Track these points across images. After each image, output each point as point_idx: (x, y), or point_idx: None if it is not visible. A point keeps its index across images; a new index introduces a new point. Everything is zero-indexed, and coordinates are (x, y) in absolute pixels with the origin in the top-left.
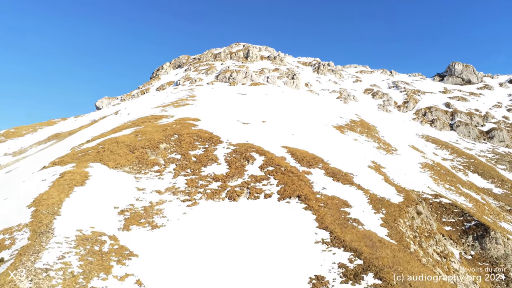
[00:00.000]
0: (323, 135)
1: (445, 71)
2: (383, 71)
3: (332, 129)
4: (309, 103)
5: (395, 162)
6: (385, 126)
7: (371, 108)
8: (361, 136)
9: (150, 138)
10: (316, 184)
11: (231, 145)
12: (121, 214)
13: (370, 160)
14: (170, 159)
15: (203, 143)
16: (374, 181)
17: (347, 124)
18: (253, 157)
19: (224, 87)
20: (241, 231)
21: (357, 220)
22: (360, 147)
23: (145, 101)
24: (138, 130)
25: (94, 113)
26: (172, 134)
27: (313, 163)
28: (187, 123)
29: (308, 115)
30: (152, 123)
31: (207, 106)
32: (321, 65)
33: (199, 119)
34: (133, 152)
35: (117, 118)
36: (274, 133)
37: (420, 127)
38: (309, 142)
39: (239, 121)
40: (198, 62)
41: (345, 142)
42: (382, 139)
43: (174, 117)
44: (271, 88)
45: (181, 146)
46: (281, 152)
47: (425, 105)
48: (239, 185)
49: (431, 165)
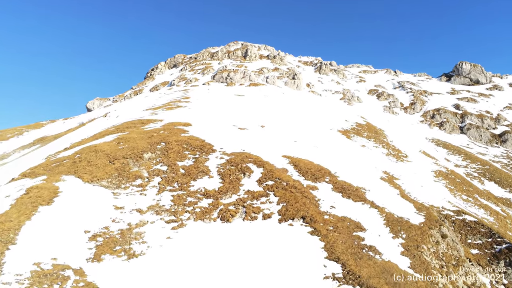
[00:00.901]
0: (329, 142)
1: (452, 71)
2: (387, 70)
3: (338, 134)
4: (312, 105)
5: (407, 171)
6: (392, 129)
7: (377, 110)
8: (368, 141)
9: (133, 146)
10: (323, 202)
11: (225, 155)
12: (92, 240)
13: (382, 171)
14: (155, 171)
15: (193, 152)
16: (389, 196)
17: (353, 128)
18: (250, 169)
19: (220, 88)
20: (235, 261)
21: (374, 248)
22: (369, 154)
23: (136, 103)
24: (121, 137)
25: (84, 115)
26: (159, 141)
27: (319, 176)
28: (177, 129)
29: (311, 118)
30: (137, 129)
31: (200, 109)
32: (323, 65)
33: (190, 124)
34: (112, 162)
35: (104, 121)
36: (274, 140)
37: (429, 130)
38: (313, 151)
39: (235, 126)
40: (194, 62)
41: (352, 149)
42: (391, 144)
43: (163, 122)
44: (271, 88)
45: (168, 155)
46: (282, 163)
47: (433, 106)
48: (233, 203)
49: (445, 173)
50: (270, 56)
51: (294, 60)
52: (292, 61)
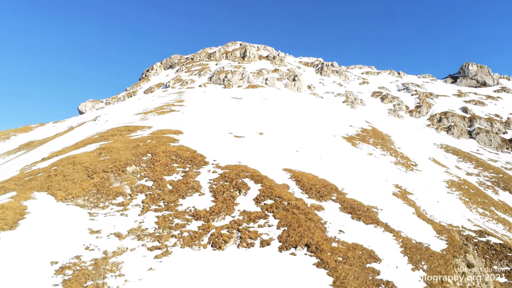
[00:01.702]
0: (333, 151)
1: (457, 72)
2: (391, 72)
3: (342, 141)
4: (313, 109)
5: (418, 182)
6: (399, 134)
7: (381, 113)
8: (375, 148)
9: (116, 158)
10: (331, 224)
11: (219, 168)
12: (59, 274)
13: (393, 184)
14: (139, 186)
15: (183, 165)
16: (404, 216)
17: (358, 134)
18: (246, 185)
19: (217, 90)
20: None
21: (391, 284)
22: (377, 163)
23: (128, 106)
24: (103, 146)
25: (75, 118)
26: (145, 152)
27: (324, 194)
28: (166, 137)
29: (313, 123)
30: (123, 137)
31: (194, 114)
32: (324, 66)
33: (182, 132)
34: (91, 177)
35: (93, 126)
36: (273, 149)
37: (436, 134)
38: (317, 162)
39: (231, 134)
40: (191, 62)
41: (359, 158)
42: (398, 151)
43: (152, 129)
44: (270, 91)
45: (155, 169)
46: (282, 178)
47: (440, 109)
48: (227, 226)
49: (457, 183)
50: (270, 56)
51: (294, 61)
52: (293, 62)
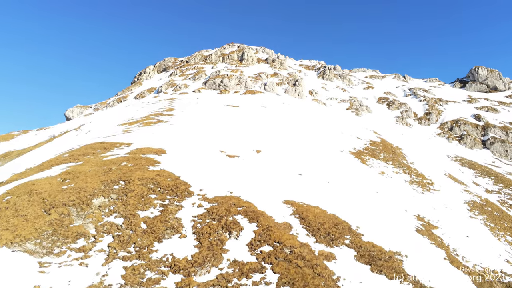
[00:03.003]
0: (341, 171)
1: (466, 76)
2: (396, 75)
3: (350, 157)
4: (316, 118)
5: (438, 205)
6: (410, 146)
7: (388, 121)
8: (387, 165)
9: (82, 186)
10: (345, 282)
11: (206, 200)
12: None
13: (414, 215)
14: (106, 225)
15: (162, 196)
16: (435, 263)
17: (367, 147)
18: (238, 225)
19: (212, 96)
20: None
21: None
22: (390, 184)
23: (115, 114)
24: (70, 170)
25: (59, 126)
26: (117, 179)
27: (336, 236)
28: (145, 159)
29: (317, 136)
30: (95, 157)
31: (183, 125)
32: (326, 70)
33: (165, 151)
34: (48, 212)
35: (73, 137)
36: (272, 173)
37: (448, 144)
38: (324, 189)
39: (223, 153)
40: (185, 65)
41: (370, 179)
42: (412, 167)
43: (131, 146)
44: (269, 97)
45: (127, 201)
46: (283, 214)
47: (451, 117)
48: (212, 283)
49: (479, 204)
50: (269, 59)
51: (295, 64)
52: (293, 65)
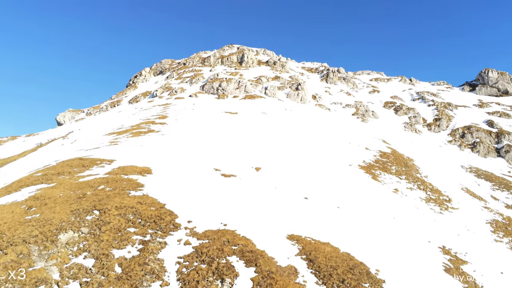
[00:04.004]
0: (353, 192)
1: (475, 79)
2: (402, 78)
3: (360, 172)
4: (321, 125)
5: (459, 227)
6: (421, 156)
7: (396, 128)
8: (400, 180)
9: (48, 217)
10: None
11: (195, 236)
12: None
13: (439, 247)
14: (73, 268)
15: (142, 230)
16: None
17: (377, 160)
18: (232, 270)
19: (209, 101)
20: None
21: None
22: (406, 204)
23: (105, 121)
24: (38, 195)
25: (49, 132)
26: (91, 208)
27: (352, 284)
28: (127, 181)
29: (323, 147)
30: (71, 177)
31: (175, 136)
32: (330, 72)
33: (150, 170)
34: (4, 251)
35: (59, 147)
36: (274, 197)
37: (460, 153)
38: (335, 218)
39: (218, 171)
40: (182, 68)
41: (384, 199)
42: (426, 181)
43: (112, 165)
44: (270, 102)
45: (100, 237)
46: (288, 253)
47: (462, 123)
48: None
49: (502, 223)
50: (270, 62)
51: (297, 67)
52: (295, 67)
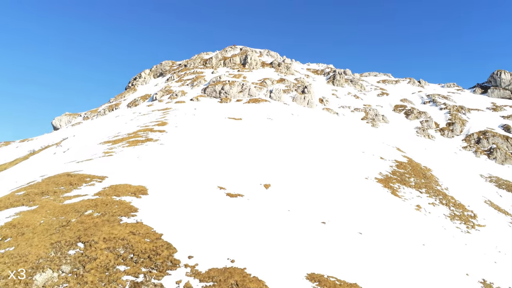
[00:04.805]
0: (373, 213)
1: (487, 81)
2: (410, 80)
3: (378, 186)
4: (331, 132)
5: (489, 248)
6: (438, 164)
7: (408, 133)
8: (420, 194)
9: (23, 252)
10: None
11: (196, 277)
12: None
13: (479, 282)
14: None
15: (134, 268)
16: None
17: (394, 171)
18: None
19: (211, 106)
20: None
21: None
22: (431, 224)
23: (101, 127)
24: (16, 222)
25: (45, 136)
26: (75, 239)
27: None
28: (119, 204)
29: (336, 158)
30: (55, 198)
31: (175, 146)
32: (336, 74)
33: (146, 190)
34: None
35: (50, 157)
36: (288, 222)
37: (476, 159)
38: (358, 248)
39: (223, 190)
40: (183, 70)
41: (407, 219)
42: (448, 195)
43: (105, 181)
44: (276, 107)
45: (84, 278)
46: None
47: (477, 127)
48: None
49: None
50: (274, 63)
51: (302, 68)
52: (300, 69)
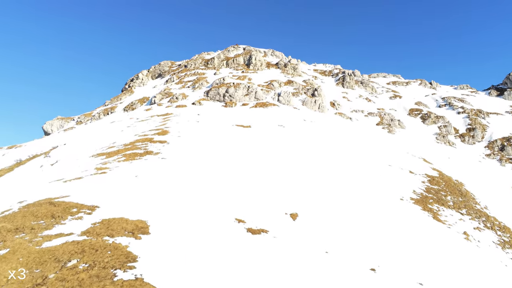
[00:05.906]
0: (421, 248)
1: (502, 83)
2: (422, 82)
3: (416, 209)
4: (349, 141)
5: None
6: (468, 176)
7: (427, 139)
8: (462, 216)
9: None
10: None
11: None
12: None
13: None
14: None
15: None
16: None
17: (428, 188)
18: None
19: (216, 110)
20: None
21: None
22: (489, 259)
23: (95, 133)
24: None
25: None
26: None
27: None
28: (113, 248)
29: (363, 174)
30: (31, 238)
31: (179, 161)
32: (346, 76)
33: (147, 227)
34: None
35: (36, 171)
36: (328, 272)
37: (501, 168)
38: None
39: (242, 223)
40: (184, 71)
41: (461, 253)
42: (490, 215)
43: (95, 213)
44: (286, 111)
45: None
46: None
47: (499, 133)
48: None
49: None
50: (280, 64)
51: (308, 69)
52: (307, 70)
